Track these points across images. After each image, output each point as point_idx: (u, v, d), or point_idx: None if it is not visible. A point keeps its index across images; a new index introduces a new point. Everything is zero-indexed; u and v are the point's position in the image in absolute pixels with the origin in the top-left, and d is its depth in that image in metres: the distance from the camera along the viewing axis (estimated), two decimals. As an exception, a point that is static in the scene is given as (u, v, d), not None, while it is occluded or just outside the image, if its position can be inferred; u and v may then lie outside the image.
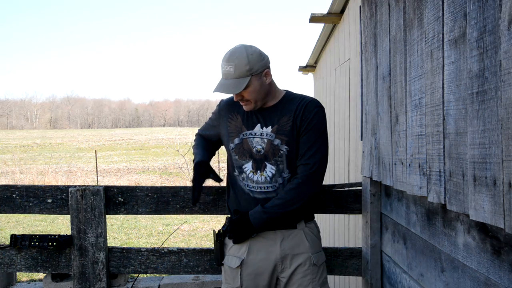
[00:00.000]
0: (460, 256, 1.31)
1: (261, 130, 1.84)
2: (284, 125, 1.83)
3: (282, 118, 1.83)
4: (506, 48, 0.96)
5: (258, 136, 1.84)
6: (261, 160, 1.83)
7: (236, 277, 1.85)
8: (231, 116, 1.92)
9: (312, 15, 4.15)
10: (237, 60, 1.74)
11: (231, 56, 1.75)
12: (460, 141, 1.19)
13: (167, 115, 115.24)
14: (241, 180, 1.88)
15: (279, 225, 1.84)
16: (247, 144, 1.85)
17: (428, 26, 1.37)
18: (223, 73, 1.77)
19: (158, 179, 16.12)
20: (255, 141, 1.84)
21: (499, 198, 1.00)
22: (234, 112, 1.91)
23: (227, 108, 1.94)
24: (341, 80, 3.95)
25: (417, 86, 1.48)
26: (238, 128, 1.88)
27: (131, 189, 2.31)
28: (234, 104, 1.92)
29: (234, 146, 1.87)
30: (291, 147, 1.81)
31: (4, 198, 2.31)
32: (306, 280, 1.82)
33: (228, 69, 1.74)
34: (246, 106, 1.83)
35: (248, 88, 1.77)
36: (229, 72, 1.74)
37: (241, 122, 1.88)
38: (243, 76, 1.75)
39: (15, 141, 37.65)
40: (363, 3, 2.17)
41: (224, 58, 1.77)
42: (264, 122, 1.85)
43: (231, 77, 1.74)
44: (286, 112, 1.84)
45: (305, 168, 1.79)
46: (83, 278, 2.27)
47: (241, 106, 1.90)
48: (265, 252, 1.83)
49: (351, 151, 3.35)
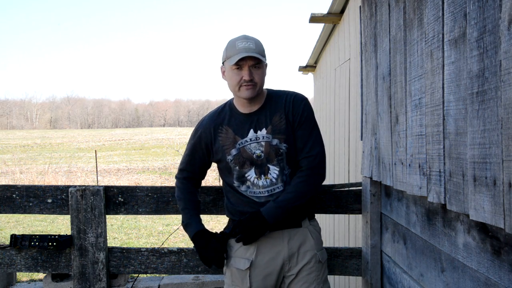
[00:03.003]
0: (460, 256, 1.31)
1: (255, 134, 1.83)
2: (278, 124, 1.83)
3: (273, 117, 1.84)
4: (506, 48, 0.95)
5: (254, 141, 1.83)
6: (262, 164, 1.83)
7: (245, 278, 1.83)
8: (220, 130, 1.88)
9: (312, 15, 4.15)
10: (255, 39, 1.80)
11: (248, 36, 1.80)
12: (460, 141, 1.19)
13: (167, 115, 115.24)
14: (244, 190, 1.86)
15: (287, 223, 1.84)
16: (245, 152, 1.83)
17: (428, 26, 1.37)
18: (243, 47, 1.74)
19: (158, 179, 16.12)
20: (252, 147, 1.83)
21: (499, 198, 1.00)
22: (222, 125, 1.88)
23: (211, 125, 1.90)
24: (341, 80, 3.95)
25: (417, 86, 1.48)
26: (231, 139, 1.86)
27: (131, 189, 2.31)
28: (218, 118, 1.90)
29: (233, 158, 1.85)
30: (289, 143, 1.82)
31: (4, 198, 2.31)
32: (312, 277, 1.83)
33: (248, 44, 1.75)
34: (248, 91, 1.78)
35: (261, 69, 1.80)
36: (250, 47, 1.75)
37: (232, 133, 1.86)
38: (262, 54, 1.79)
39: (15, 141, 37.65)
40: (363, 3, 2.17)
41: (241, 37, 1.79)
42: (256, 126, 1.84)
43: (252, 51, 1.74)
44: (275, 110, 1.85)
45: (309, 160, 1.82)
46: (83, 278, 2.27)
47: (225, 119, 1.88)
48: (273, 252, 1.83)
49: (351, 151, 3.34)
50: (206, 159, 1.94)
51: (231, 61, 1.75)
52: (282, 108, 1.84)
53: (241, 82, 1.77)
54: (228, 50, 1.79)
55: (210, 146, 1.91)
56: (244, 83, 1.76)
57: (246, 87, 1.77)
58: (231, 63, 1.75)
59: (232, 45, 1.78)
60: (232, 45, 1.78)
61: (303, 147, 1.82)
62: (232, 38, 1.82)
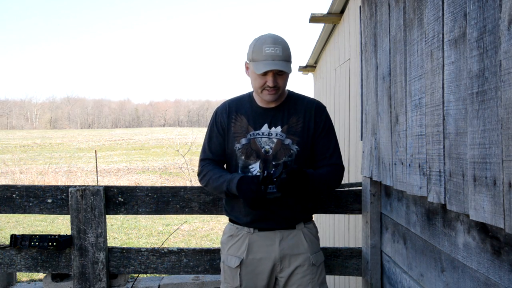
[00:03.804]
0: (460, 256, 1.31)
1: (269, 130, 1.85)
2: (294, 125, 1.85)
3: (291, 118, 1.86)
4: (506, 48, 0.95)
5: (266, 136, 1.84)
6: (268, 161, 1.83)
7: (235, 276, 1.85)
8: (234, 118, 1.90)
9: (312, 15, 4.15)
10: (283, 44, 1.78)
11: (277, 39, 1.77)
12: (460, 141, 1.19)
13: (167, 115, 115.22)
14: None
15: (280, 223, 1.84)
16: (255, 144, 1.84)
17: (428, 26, 1.37)
18: (270, 54, 1.73)
19: (158, 179, 16.11)
20: (263, 141, 1.84)
21: (499, 198, 1.00)
22: (237, 113, 1.90)
23: (227, 112, 1.92)
24: (341, 80, 3.95)
25: (417, 86, 1.47)
26: (243, 128, 1.87)
27: (131, 189, 2.31)
28: (235, 106, 1.92)
29: (241, 147, 1.85)
30: (302, 147, 1.83)
31: (4, 198, 2.31)
32: (305, 280, 1.83)
33: (276, 51, 1.74)
34: (271, 95, 1.80)
35: (285, 75, 1.80)
36: (277, 54, 1.74)
37: (246, 122, 1.87)
38: (288, 60, 1.78)
39: (15, 141, 37.64)
40: (363, 3, 2.17)
41: (269, 41, 1.75)
42: (272, 122, 1.85)
43: (279, 59, 1.74)
44: (294, 112, 1.87)
45: (336, 168, 1.89)
46: (83, 278, 2.27)
47: (242, 108, 1.90)
48: (264, 252, 1.83)
49: (351, 151, 3.34)
50: (224, 141, 1.92)
51: (257, 69, 1.74)
52: (302, 111, 1.87)
53: (265, 87, 1.78)
54: (254, 53, 1.77)
55: (225, 130, 1.91)
56: (268, 88, 1.78)
57: (268, 91, 1.79)
58: (257, 71, 1.74)
59: (259, 49, 1.75)
60: (259, 49, 1.75)
61: (327, 156, 1.87)
62: (260, 38, 1.79)
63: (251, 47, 1.80)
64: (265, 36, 1.79)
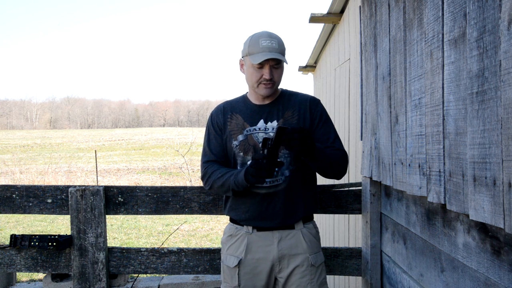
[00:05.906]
0: (460, 256, 1.31)
1: (265, 125, 1.86)
2: (289, 118, 1.86)
3: (285, 112, 1.88)
4: (506, 48, 0.95)
5: (262, 131, 1.86)
6: None
7: (234, 276, 1.85)
8: (230, 116, 1.92)
9: (312, 15, 4.15)
10: (278, 38, 1.82)
11: (272, 34, 1.82)
12: (460, 141, 1.19)
13: (167, 115, 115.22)
14: None
15: (279, 223, 1.84)
16: (252, 140, 1.86)
17: (428, 26, 1.37)
18: (267, 46, 1.77)
19: (158, 179, 16.10)
20: (260, 136, 1.85)
21: (499, 198, 1.00)
22: (233, 112, 1.93)
23: (222, 112, 1.94)
24: (341, 80, 3.95)
25: (417, 86, 1.48)
26: (239, 125, 1.89)
27: (131, 189, 2.31)
28: (230, 105, 1.95)
29: (239, 143, 1.87)
30: None
31: (4, 198, 2.31)
32: (304, 281, 1.83)
33: (272, 44, 1.78)
34: (268, 89, 1.82)
35: (280, 69, 1.83)
36: (273, 47, 1.78)
37: (242, 119, 1.89)
38: (283, 54, 1.82)
39: (15, 141, 37.64)
40: (363, 3, 2.17)
41: (265, 35, 1.80)
42: (267, 117, 1.87)
43: (275, 51, 1.78)
44: (288, 106, 1.89)
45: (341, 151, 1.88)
46: (83, 278, 2.27)
47: (237, 107, 1.92)
48: (262, 252, 1.83)
49: (351, 151, 3.34)
50: (222, 141, 1.92)
51: (254, 60, 1.77)
52: (296, 105, 1.90)
53: (261, 80, 1.81)
54: (250, 47, 1.80)
55: (222, 129, 1.93)
56: (264, 81, 1.81)
57: (265, 85, 1.82)
58: (254, 62, 1.76)
59: (255, 42, 1.79)
60: (255, 42, 1.79)
61: (326, 142, 1.87)
62: (255, 34, 1.84)
63: (247, 42, 1.84)
64: (260, 32, 1.84)
